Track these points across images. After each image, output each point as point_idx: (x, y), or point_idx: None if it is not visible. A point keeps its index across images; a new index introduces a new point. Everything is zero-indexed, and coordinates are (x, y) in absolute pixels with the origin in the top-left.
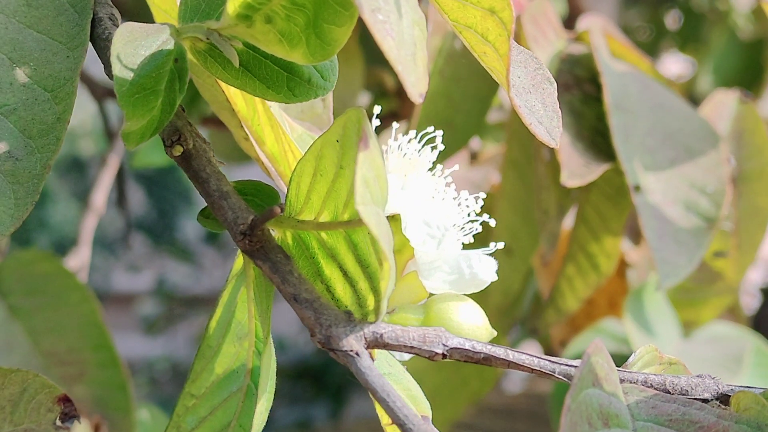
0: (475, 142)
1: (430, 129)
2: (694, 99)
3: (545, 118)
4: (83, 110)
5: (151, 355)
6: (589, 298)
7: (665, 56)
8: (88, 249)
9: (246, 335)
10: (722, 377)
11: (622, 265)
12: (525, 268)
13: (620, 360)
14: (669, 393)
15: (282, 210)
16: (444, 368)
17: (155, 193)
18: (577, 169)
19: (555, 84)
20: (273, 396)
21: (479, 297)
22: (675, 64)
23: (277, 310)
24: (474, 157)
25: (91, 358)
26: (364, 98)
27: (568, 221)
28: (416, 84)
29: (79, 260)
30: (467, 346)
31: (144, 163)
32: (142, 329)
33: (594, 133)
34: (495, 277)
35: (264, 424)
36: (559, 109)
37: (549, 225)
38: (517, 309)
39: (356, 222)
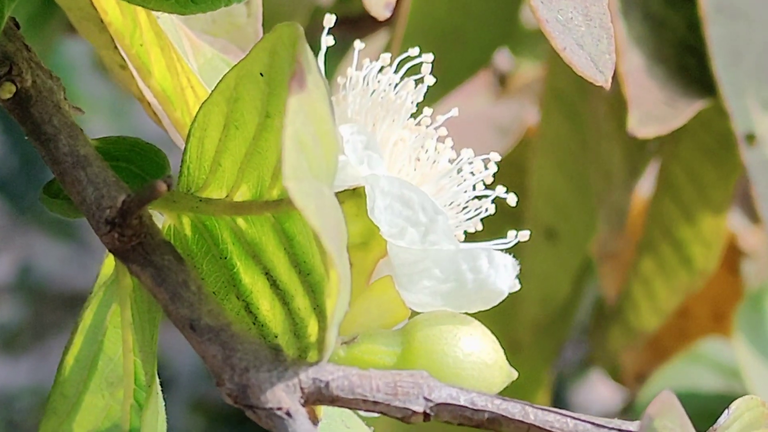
0: (503, 58)
1: (414, 51)
2: None
3: (589, 38)
4: None
5: (11, 385)
6: (680, 307)
7: None
8: None
9: (120, 380)
10: None
11: (733, 255)
12: (577, 261)
13: (726, 403)
14: None
15: (171, 185)
16: None
17: (17, 132)
18: (656, 109)
19: None
20: None
21: (504, 308)
22: None
23: None
24: (502, 82)
25: None
26: None
27: (644, 189)
28: None
29: None
30: (463, 400)
31: None
32: None
33: (682, 52)
34: (516, 286)
35: None
36: (611, 24)
37: (613, 195)
38: (565, 325)
39: (290, 203)
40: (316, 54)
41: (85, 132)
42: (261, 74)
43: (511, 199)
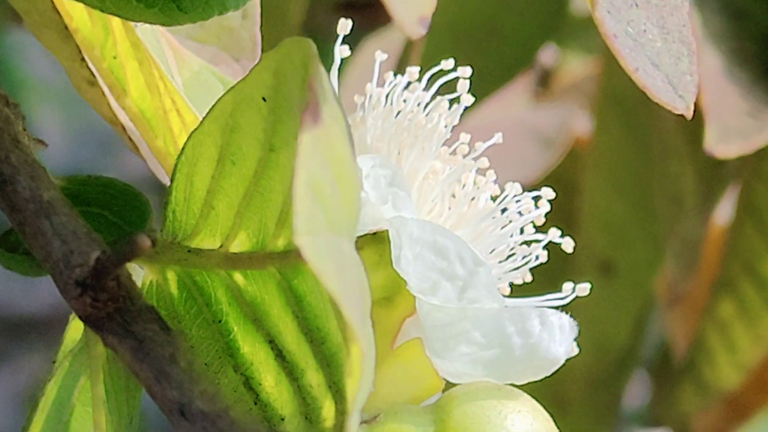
0: (546, 51)
1: (449, 64)
2: None
3: (666, 56)
4: None
5: None
6: (763, 357)
7: None
8: None
9: None
10: None
11: None
12: (638, 301)
13: None
14: None
15: (156, 240)
16: None
17: None
18: (737, 122)
19: None
20: None
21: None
22: None
23: None
24: (544, 81)
25: None
26: None
27: (722, 216)
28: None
29: None
30: None
31: None
32: None
33: None
34: (574, 351)
35: None
36: (692, 39)
37: (683, 223)
38: (623, 379)
39: (299, 255)
40: (327, 68)
41: (33, 126)
42: (264, 99)
43: (567, 245)
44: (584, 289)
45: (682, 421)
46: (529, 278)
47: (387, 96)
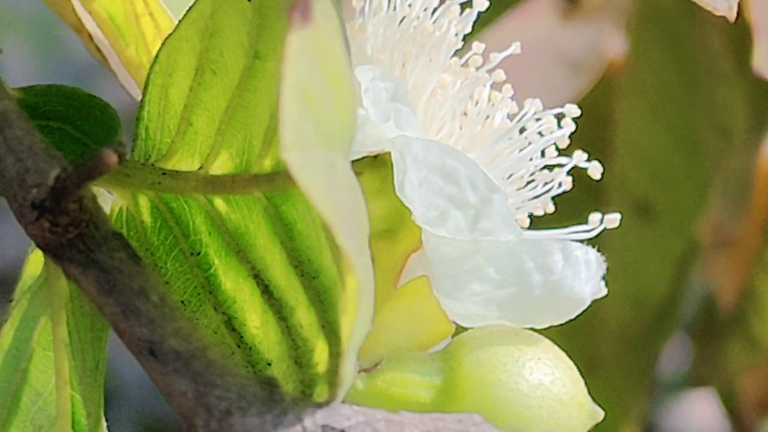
0: None
1: None
2: None
3: None
4: None
5: None
6: None
7: None
8: None
9: (52, 423)
10: None
11: None
12: (679, 247)
13: None
14: None
15: (124, 154)
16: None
17: None
18: None
19: None
20: None
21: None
22: None
23: None
24: None
25: None
26: None
27: None
28: None
29: None
30: None
31: None
32: None
33: None
34: (602, 291)
35: None
36: None
37: (731, 158)
38: (662, 335)
39: (289, 178)
40: None
41: (3, 60)
42: None
43: (595, 170)
44: (614, 220)
45: (727, 382)
46: (551, 208)
47: (390, 0)
